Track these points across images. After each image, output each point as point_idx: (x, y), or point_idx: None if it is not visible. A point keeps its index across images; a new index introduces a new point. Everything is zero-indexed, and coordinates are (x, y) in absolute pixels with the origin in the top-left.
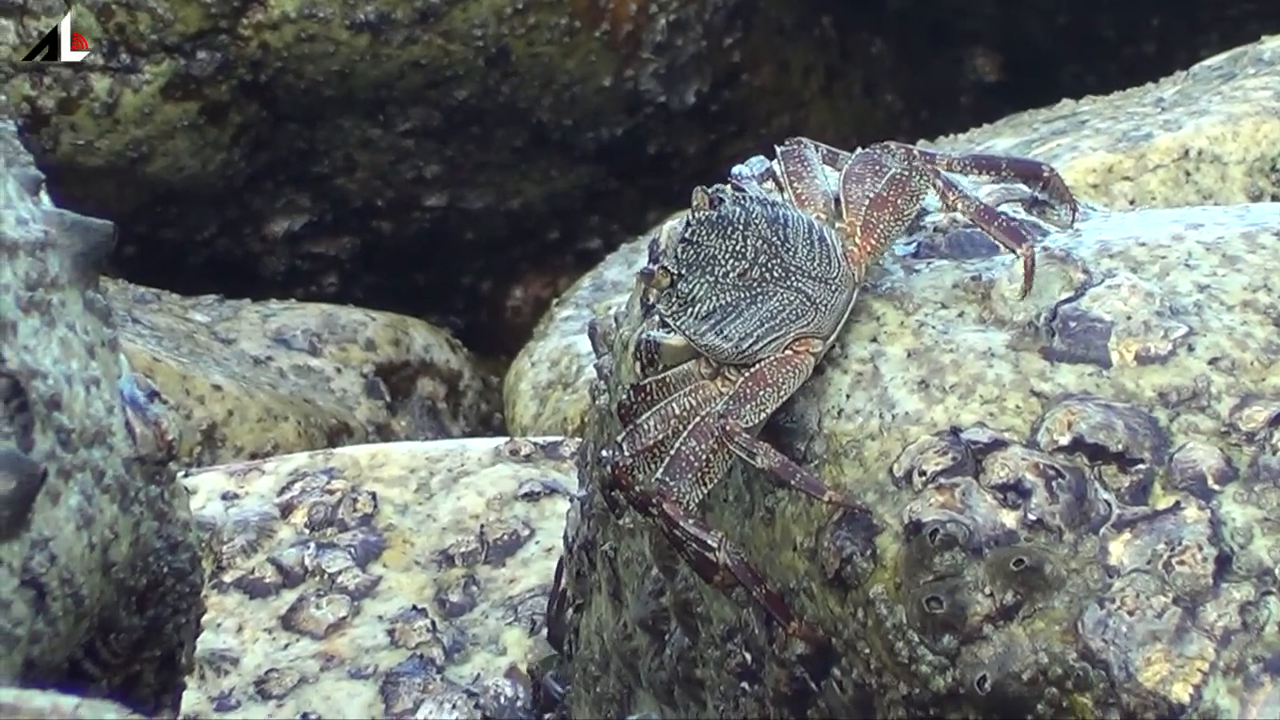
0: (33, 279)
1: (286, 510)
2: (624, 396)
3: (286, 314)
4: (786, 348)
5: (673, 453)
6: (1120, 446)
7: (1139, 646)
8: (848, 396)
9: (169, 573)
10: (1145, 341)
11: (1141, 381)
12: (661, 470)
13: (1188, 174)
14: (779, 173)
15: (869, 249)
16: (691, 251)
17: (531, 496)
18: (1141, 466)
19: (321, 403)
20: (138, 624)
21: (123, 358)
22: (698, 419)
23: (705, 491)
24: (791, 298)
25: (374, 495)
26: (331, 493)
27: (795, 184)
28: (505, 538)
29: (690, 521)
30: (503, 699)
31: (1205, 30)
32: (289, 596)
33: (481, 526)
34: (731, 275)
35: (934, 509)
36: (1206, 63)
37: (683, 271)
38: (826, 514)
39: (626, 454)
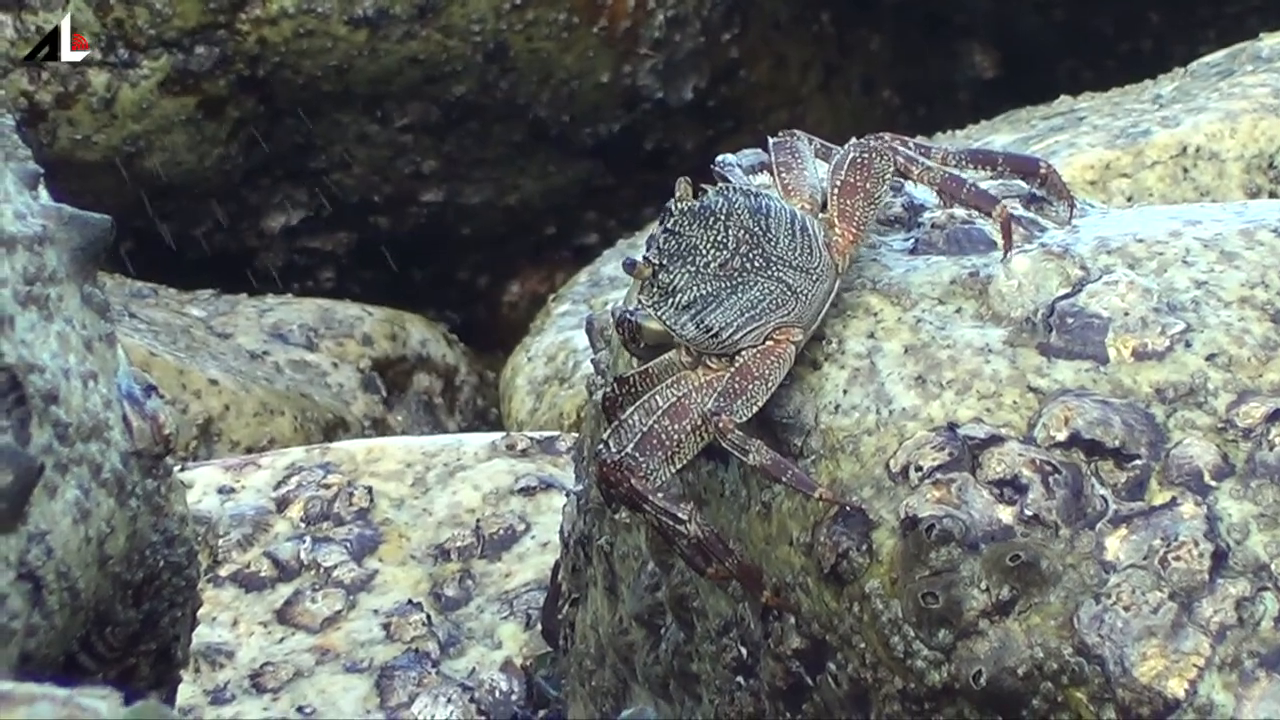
0: (30, 273)
1: (282, 504)
2: (607, 389)
3: (283, 309)
4: (767, 337)
5: (645, 430)
6: (1117, 442)
7: (1135, 642)
8: (845, 392)
9: (165, 566)
10: (1143, 338)
11: (1139, 377)
12: (632, 445)
13: (1185, 171)
14: (770, 163)
15: (851, 238)
16: (673, 241)
17: (527, 491)
18: (1138, 462)
19: (318, 397)
20: (134, 617)
21: (120, 352)
22: (674, 400)
23: (674, 471)
24: (772, 287)
25: (370, 490)
26: (327, 487)
27: (784, 174)
28: (501, 532)
29: (659, 495)
30: (498, 693)
31: (1204, 27)
32: (284, 590)
33: (477, 521)
34: (713, 265)
35: (930, 504)
36: (1205, 59)
37: (664, 262)
38: (822, 509)
39: (614, 451)
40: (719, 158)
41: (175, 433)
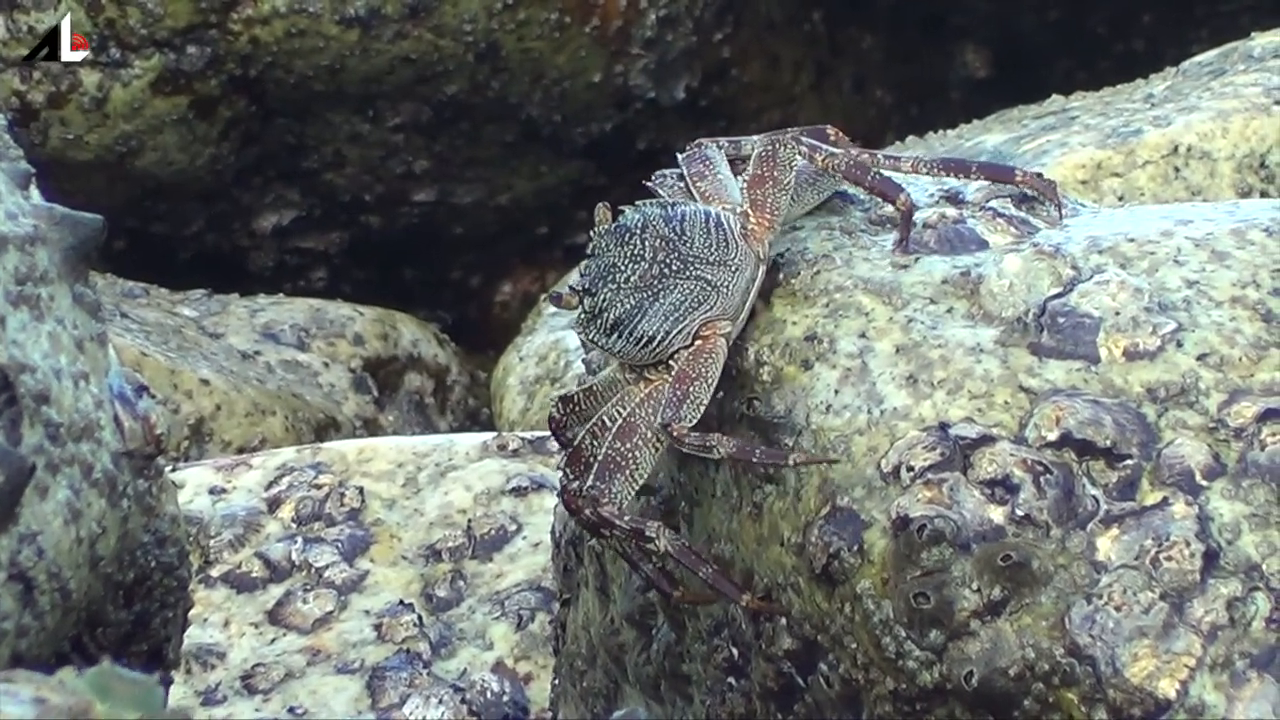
0: (22, 273)
1: (274, 505)
2: (552, 409)
3: (275, 309)
4: (696, 336)
5: (601, 457)
6: (1108, 442)
7: (1126, 642)
8: (836, 392)
9: (156, 567)
10: (1134, 337)
11: (1130, 377)
12: (592, 477)
13: (1177, 170)
14: (685, 175)
15: (765, 224)
16: (595, 265)
17: (519, 491)
18: (1129, 462)
19: (309, 397)
20: (125, 618)
21: (111, 352)
22: (621, 421)
23: (636, 487)
24: (692, 286)
25: (361, 490)
26: (319, 487)
27: (699, 184)
28: (492, 533)
29: (626, 518)
30: (489, 694)
31: (1196, 26)
32: (276, 591)
33: (469, 521)
34: (633, 279)
35: (922, 504)
36: (1197, 59)
37: (588, 286)
38: (814, 509)
39: (573, 480)
40: (654, 174)
41: (166, 433)
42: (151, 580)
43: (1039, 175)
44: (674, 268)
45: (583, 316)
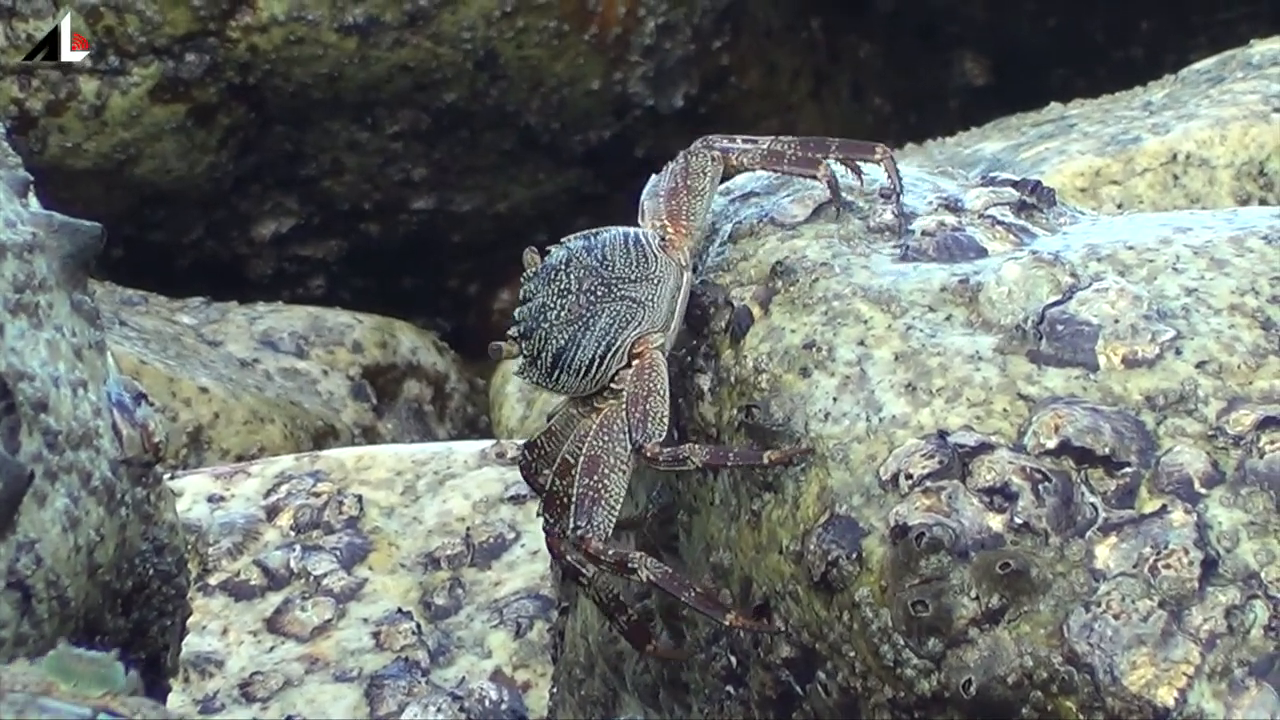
0: (20, 281)
1: (272, 513)
2: (520, 457)
3: (273, 316)
4: (631, 355)
5: (574, 496)
6: (1107, 450)
7: (1124, 650)
8: (834, 399)
9: (154, 575)
10: (1132, 345)
11: (1129, 385)
12: (571, 518)
13: (1176, 178)
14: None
15: (682, 231)
16: (527, 309)
17: (517, 499)
18: (1128, 470)
19: (308, 405)
20: (123, 626)
21: (110, 360)
22: (583, 456)
23: (616, 515)
24: (618, 307)
25: (360, 498)
26: (317, 495)
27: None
28: (491, 540)
29: (610, 551)
30: (487, 702)
31: (1195, 34)
32: (274, 599)
33: (467, 529)
34: (563, 314)
35: (920, 512)
36: (1195, 66)
37: (523, 331)
38: (812, 517)
39: (554, 523)
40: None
41: (165, 441)
42: (150, 588)
43: (890, 157)
44: (599, 294)
45: (523, 362)
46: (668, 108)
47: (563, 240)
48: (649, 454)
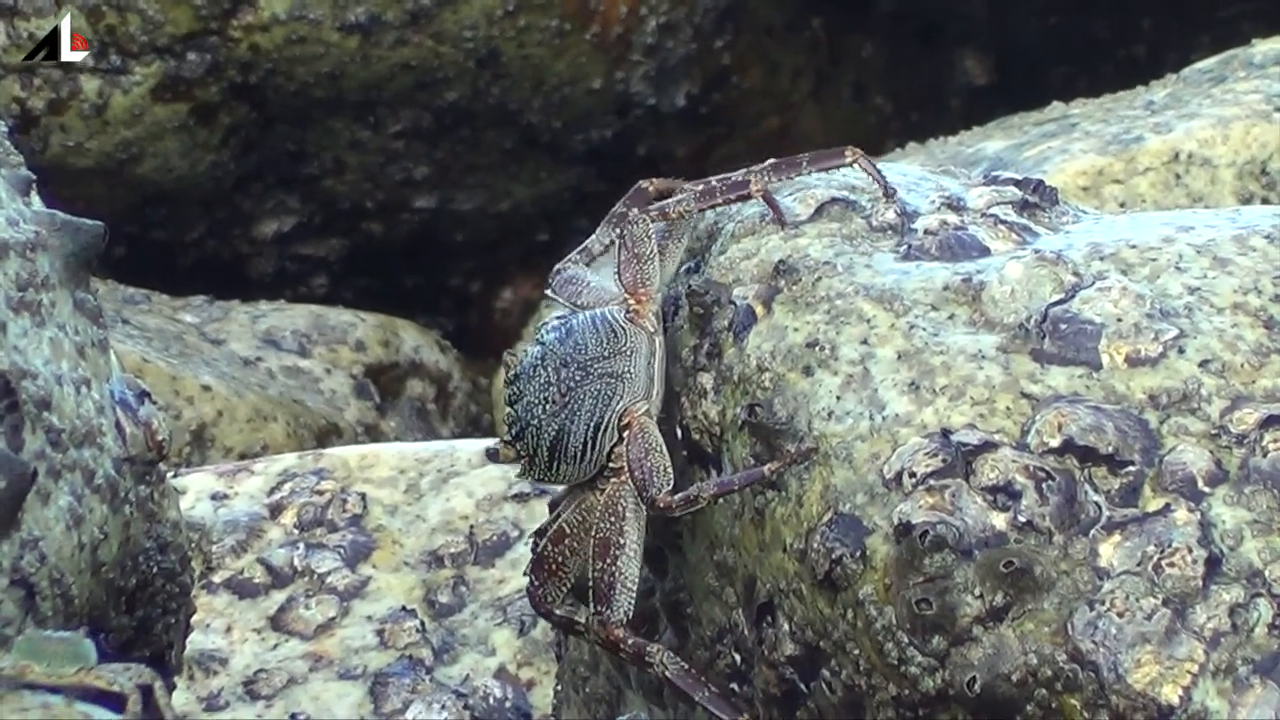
0: (23, 279)
1: (276, 511)
2: (531, 545)
3: (276, 315)
4: (620, 430)
5: (591, 583)
6: (1110, 449)
7: (1128, 648)
8: (838, 398)
9: (158, 573)
10: (1136, 344)
11: (1132, 384)
12: (591, 605)
13: (1178, 177)
14: (561, 302)
15: (643, 299)
16: (514, 412)
17: (521, 498)
18: (1132, 468)
19: (311, 404)
20: (127, 624)
21: (113, 358)
22: (593, 541)
23: (634, 595)
24: (599, 386)
25: (363, 496)
26: (321, 493)
27: (580, 301)
28: (494, 539)
29: (630, 640)
30: (491, 700)
31: (1197, 33)
32: (278, 597)
33: (471, 527)
34: (549, 408)
35: (924, 510)
36: (1197, 66)
37: (515, 434)
38: (816, 515)
39: (536, 585)
40: (558, 272)
41: (168, 439)
42: (154, 586)
43: (864, 157)
44: (578, 379)
45: (523, 463)
46: (669, 107)
47: (536, 336)
48: (662, 505)
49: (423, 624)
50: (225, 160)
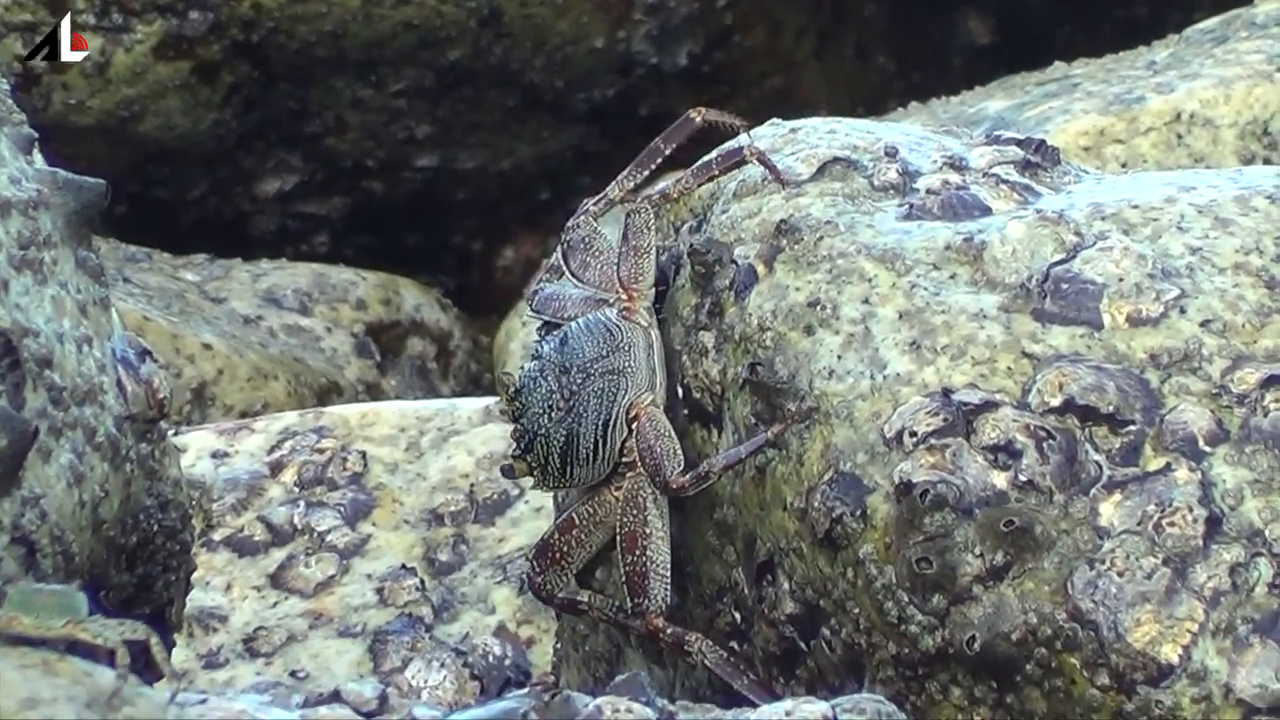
0: (25, 237)
1: (276, 469)
2: (541, 545)
3: (277, 273)
4: (628, 424)
5: (624, 577)
6: (1111, 408)
7: (1128, 607)
8: (839, 357)
9: (159, 531)
10: (1137, 303)
11: (1133, 343)
12: (628, 597)
13: (1179, 137)
14: (567, 270)
15: (635, 294)
16: (520, 427)
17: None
18: (1132, 428)
19: (311, 362)
20: (127, 581)
21: (114, 316)
22: (620, 536)
23: (669, 582)
24: (601, 385)
25: (364, 454)
26: (321, 452)
27: (562, 315)
28: (495, 497)
29: (670, 631)
30: (491, 657)
31: None
32: (278, 555)
33: (471, 486)
34: (554, 416)
35: (924, 469)
36: (1199, 26)
37: (524, 448)
38: (817, 474)
39: (538, 572)
40: (535, 294)
41: (169, 397)
42: (154, 544)
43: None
44: (580, 381)
45: (536, 475)
46: (671, 66)
47: (531, 352)
48: (675, 485)
49: (422, 582)
50: (227, 118)
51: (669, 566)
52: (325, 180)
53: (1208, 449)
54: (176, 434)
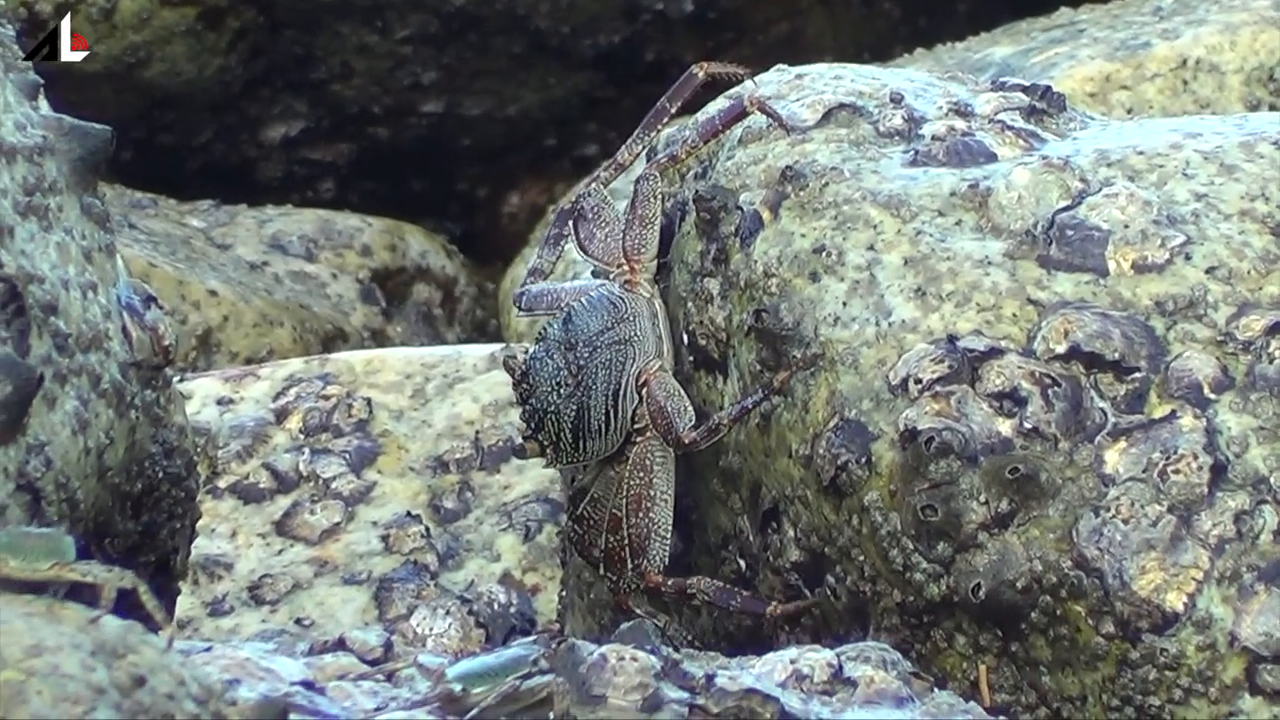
0: (30, 184)
1: (281, 416)
2: (569, 533)
3: (283, 219)
4: (638, 391)
5: (628, 538)
6: (1116, 355)
7: (1133, 555)
8: (844, 304)
9: (164, 478)
10: (1142, 250)
11: (1138, 290)
12: (630, 561)
13: (1185, 83)
14: (577, 242)
15: (637, 267)
16: (529, 408)
17: None
18: (1138, 375)
19: (317, 308)
20: (133, 529)
21: (120, 263)
22: (626, 499)
23: (669, 543)
24: (609, 356)
25: (369, 401)
26: (327, 398)
27: (557, 305)
28: (500, 444)
29: (670, 582)
30: (496, 605)
31: None
32: (283, 502)
33: (476, 433)
34: (562, 393)
35: (930, 416)
36: None
37: (534, 427)
38: (822, 421)
39: (615, 580)
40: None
41: (174, 344)
42: (159, 491)
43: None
44: (587, 355)
45: (549, 453)
46: (678, 12)
47: (539, 334)
48: (687, 440)
49: (428, 529)
50: (233, 64)
51: (670, 529)
52: (331, 126)
53: (1213, 396)
54: (182, 380)
